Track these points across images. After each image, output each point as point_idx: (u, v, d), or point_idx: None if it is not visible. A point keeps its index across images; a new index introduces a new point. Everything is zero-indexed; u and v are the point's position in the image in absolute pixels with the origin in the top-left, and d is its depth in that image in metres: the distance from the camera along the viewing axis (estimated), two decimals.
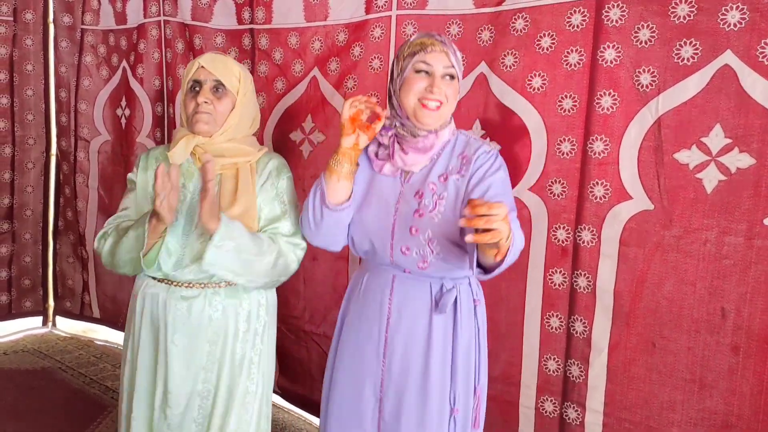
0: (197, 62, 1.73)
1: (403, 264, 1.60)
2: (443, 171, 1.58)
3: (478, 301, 1.65)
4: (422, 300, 1.59)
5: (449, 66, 1.54)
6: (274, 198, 1.78)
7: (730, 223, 1.68)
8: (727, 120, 1.66)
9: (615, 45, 1.81)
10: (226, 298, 1.76)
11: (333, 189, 1.59)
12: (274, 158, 1.84)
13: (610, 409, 1.92)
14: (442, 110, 1.54)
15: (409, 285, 1.61)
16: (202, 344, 1.74)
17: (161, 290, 1.75)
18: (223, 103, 1.72)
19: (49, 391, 3.02)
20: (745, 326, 1.68)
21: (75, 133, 3.49)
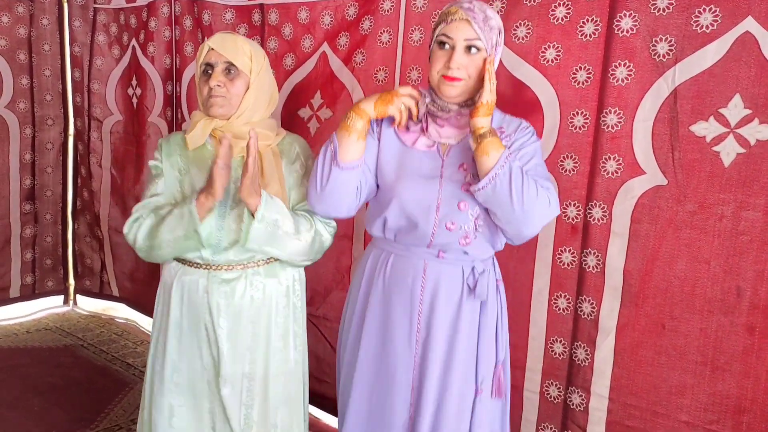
0: (207, 45, 1.70)
1: (443, 242, 1.54)
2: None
3: (500, 281, 1.63)
4: (455, 285, 1.56)
5: (472, 38, 1.44)
6: (303, 177, 1.79)
7: (748, 198, 1.60)
8: (747, 90, 1.59)
9: (632, 13, 1.74)
10: (266, 277, 1.76)
11: (346, 146, 1.52)
12: (297, 140, 1.84)
13: (616, 395, 1.87)
14: (462, 84, 1.47)
15: (442, 270, 1.56)
16: (246, 325, 1.74)
17: (201, 276, 1.72)
18: (237, 85, 1.69)
19: (72, 368, 3.07)
20: (762, 305, 1.61)
21: (88, 114, 3.52)
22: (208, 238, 1.65)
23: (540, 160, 1.55)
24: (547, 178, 1.52)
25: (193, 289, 1.73)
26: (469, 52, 1.45)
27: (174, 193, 1.77)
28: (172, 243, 1.66)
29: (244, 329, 1.73)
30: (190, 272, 1.74)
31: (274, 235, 1.64)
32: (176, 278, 1.76)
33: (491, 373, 1.59)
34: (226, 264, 1.71)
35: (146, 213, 1.72)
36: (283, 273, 1.79)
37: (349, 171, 1.54)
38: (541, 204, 1.45)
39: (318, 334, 2.61)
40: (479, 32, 1.44)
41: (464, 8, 1.45)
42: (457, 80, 1.46)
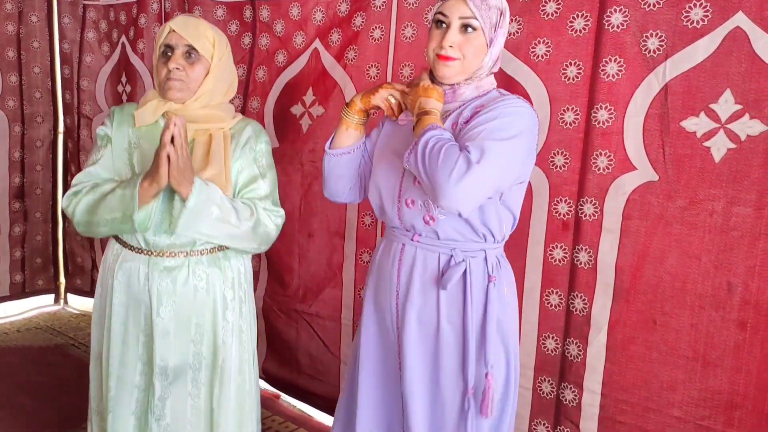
0: (168, 26, 1.67)
1: (410, 221, 1.51)
2: (456, 119, 1.47)
3: (493, 278, 1.50)
4: (429, 272, 1.51)
5: (468, 16, 1.39)
6: (252, 161, 1.77)
7: (739, 193, 1.60)
8: (738, 85, 1.58)
9: (622, 9, 1.74)
10: (210, 267, 1.73)
11: (340, 136, 1.62)
12: (251, 124, 1.82)
13: (608, 390, 1.87)
14: (457, 64, 1.42)
15: (417, 255, 1.52)
16: (189, 316, 1.71)
17: (141, 262, 1.69)
18: (196, 69, 1.67)
19: (62, 367, 3.06)
20: (753, 300, 1.61)
21: (78, 111, 3.50)
22: (142, 223, 1.60)
23: (497, 123, 1.36)
24: (487, 137, 1.33)
25: (134, 276, 1.70)
26: (465, 31, 1.40)
27: (120, 165, 1.72)
28: (110, 223, 1.64)
29: (188, 320, 1.71)
30: (130, 257, 1.71)
31: (206, 223, 1.61)
32: (118, 263, 1.72)
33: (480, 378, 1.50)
34: (168, 249, 1.68)
35: (86, 188, 1.68)
36: (228, 264, 1.77)
37: (336, 157, 1.62)
38: (442, 170, 1.29)
39: (311, 331, 2.60)
40: (475, 10, 1.38)
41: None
42: (451, 59, 1.42)
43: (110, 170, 1.72)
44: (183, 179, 1.54)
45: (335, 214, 2.48)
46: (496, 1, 1.42)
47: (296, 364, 2.68)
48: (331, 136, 1.64)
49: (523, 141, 1.39)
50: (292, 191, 2.57)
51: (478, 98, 1.48)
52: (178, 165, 1.50)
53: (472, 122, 1.39)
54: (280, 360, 2.74)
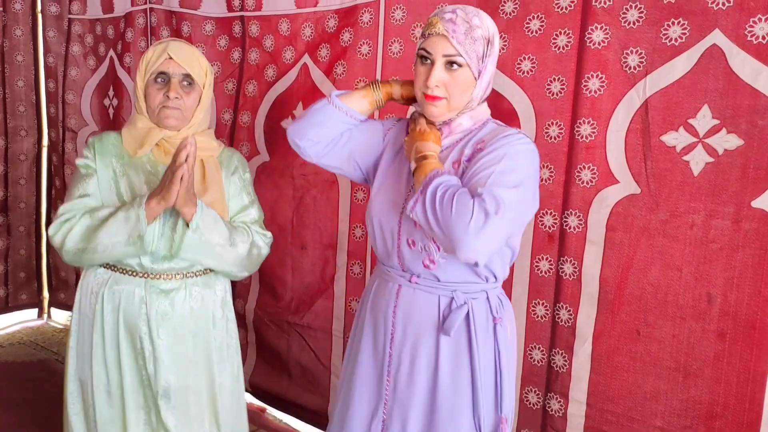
0: (166, 53, 1.65)
1: (408, 263, 1.43)
2: (458, 157, 1.40)
3: (499, 320, 1.43)
4: (428, 316, 1.42)
5: (452, 54, 1.32)
6: (241, 189, 1.81)
7: (717, 206, 1.64)
8: (715, 101, 1.63)
9: (603, 26, 1.78)
10: (204, 288, 1.74)
11: (354, 98, 1.51)
12: (235, 153, 1.87)
13: (593, 400, 1.89)
14: (444, 103, 1.37)
15: (416, 297, 1.44)
16: (186, 336, 1.71)
17: (137, 285, 1.67)
18: (192, 98, 1.69)
19: (45, 383, 3.02)
20: (732, 312, 1.65)
21: (63, 124, 3.49)
22: (151, 242, 1.59)
23: (501, 165, 1.30)
24: (496, 184, 1.27)
25: (128, 300, 1.66)
26: (450, 67, 1.34)
27: (107, 195, 1.68)
28: (110, 248, 1.59)
29: (184, 341, 1.71)
30: (123, 281, 1.67)
31: (208, 245, 1.62)
32: (106, 287, 1.68)
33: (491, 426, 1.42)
34: (166, 272, 1.68)
35: (78, 214, 1.62)
36: (218, 284, 1.79)
37: (335, 108, 1.49)
38: (457, 220, 1.23)
39: (302, 342, 2.61)
40: (459, 47, 1.32)
41: (445, 20, 1.33)
42: (438, 99, 1.36)
43: (98, 200, 1.68)
44: (189, 200, 1.55)
45: (327, 226, 2.50)
46: (482, 31, 1.35)
47: (286, 376, 2.68)
48: (343, 91, 1.55)
49: (531, 184, 1.36)
50: (284, 204, 2.58)
51: (475, 131, 1.43)
52: (185, 187, 1.51)
53: (477, 162, 1.33)
54: (269, 372, 2.74)
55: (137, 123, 1.72)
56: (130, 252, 1.61)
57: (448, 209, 1.24)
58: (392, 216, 1.44)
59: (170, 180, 1.50)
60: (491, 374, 1.42)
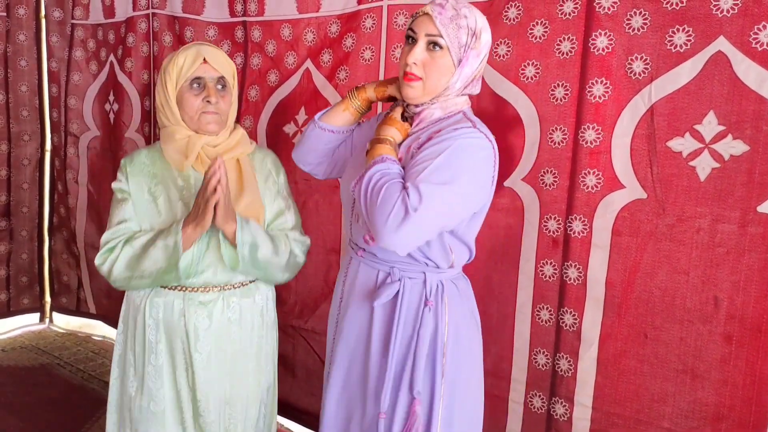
0: (200, 57, 1.60)
1: (355, 236, 1.54)
2: (411, 143, 1.42)
3: (430, 303, 1.44)
4: (366, 286, 1.50)
5: (433, 33, 1.33)
6: (276, 194, 1.77)
7: (724, 211, 1.66)
8: (721, 107, 1.64)
9: (607, 32, 1.79)
10: (242, 298, 1.71)
11: (335, 113, 1.59)
12: (269, 154, 1.83)
13: (599, 404, 1.90)
14: (419, 84, 1.37)
15: (360, 269, 1.53)
16: (224, 349, 1.69)
17: (176, 297, 1.66)
18: (227, 101, 1.66)
19: (47, 387, 3.02)
20: (738, 315, 1.66)
21: (65, 129, 3.49)
22: (186, 270, 1.59)
23: (441, 160, 1.31)
24: (427, 180, 1.29)
25: (168, 312, 1.66)
26: (432, 49, 1.35)
27: (147, 216, 1.66)
28: (154, 274, 1.60)
29: (222, 353, 1.69)
30: (162, 293, 1.67)
31: (254, 259, 1.61)
32: (147, 300, 1.67)
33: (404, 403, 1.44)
34: (203, 286, 1.66)
35: (120, 243, 1.62)
36: (258, 293, 1.77)
37: (319, 130, 1.59)
38: (381, 210, 1.27)
39: (307, 347, 2.61)
40: (441, 29, 1.33)
41: (434, 3, 1.35)
42: (415, 79, 1.37)
43: (137, 224, 1.67)
44: (227, 218, 1.53)
45: (330, 230, 2.50)
46: (469, 22, 1.36)
47: (290, 380, 2.68)
48: (325, 109, 1.63)
49: (468, 180, 1.34)
50: None
51: (441, 120, 1.43)
52: (223, 205, 1.49)
53: (420, 153, 1.35)
54: None
55: (175, 135, 1.65)
56: (170, 279, 1.61)
57: (375, 197, 1.29)
58: (349, 194, 1.48)
59: (204, 208, 1.49)
60: (403, 355, 1.44)
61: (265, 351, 1.80)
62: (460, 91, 1.44)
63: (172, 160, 1.66)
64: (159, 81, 1.67)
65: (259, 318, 1.77)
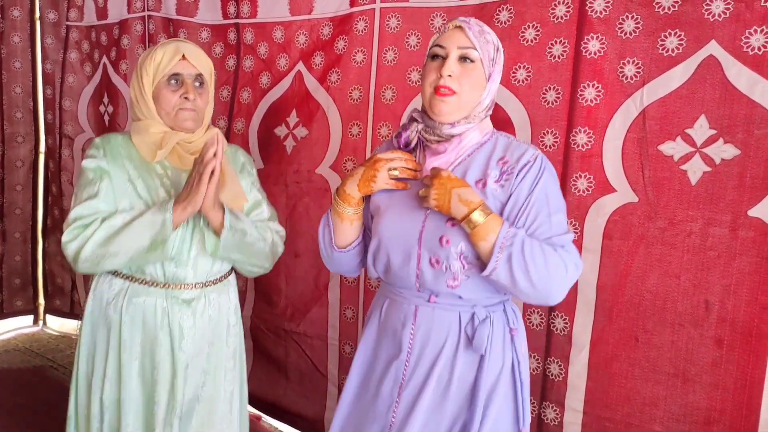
0: (179, 53, 1.60)
1: (429, 283, 1.36)
2: (481, 176, 1.35)
3: (515, 330, 1.41)
4: (450, 334, 1.37)
5: (466, 46, 1.30)
6: (251, 186, 1.80)
7: (715, 215, 1.66)
8: (712, 111, 1.64)
9: (599, 36, 1.79)
10: (220, 294, 1.73)
11: (340, 230, 1.48)
12: (239, 150, 1.86)
13: (590, 408, 1.89)
14: (455, 99, 1.31)
15: (435, 316, 1.38)
16: (204, 347, 1.68)
17: (158, 296, 1.63)
18: (204, 98, 1.66)
19: (40, 390, 3.02)
20: (729, 318, 1.66)
21: (59, 131, 3.48)
22: (170, 249, 1.56)
23: (550, 207, 1.32)
24: (562, 231, 1.32)
25: (149, 312, 1.63)
26: (463, 62, 1.32)
27: (124, 197, 1.60)
28: (132, 252, 1.54)
29: (202, 352, 1.68)
30: (143, 292, 1.63)
31: (242, 243, 1.63)
32: (125, 299, 1.63)
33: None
34: (186, 282, 1.65)
35: (98, 220, 1.54)
36: (232, 290, 1.78)
37: (347, 253, 1.51)
38: (555, 275, 1.27)
39: (299, 350, 2.61)
40: (474, 40, 1.31)
41: (461, 19, 1.34)
42: (450, 94, 1.31)
43: (111, 203, 1.59)
44: (215, 203, 1.53)
45: None
46: (492, 37, 1.36)
47: (283, 383, 2.67)
48: (324, 228, 1.52)
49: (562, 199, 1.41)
50: (277, 212, 2.56)
51: (484, 144, 1.39)
52: (216, 183, 1.48)
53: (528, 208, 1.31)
54: (266, 380, 2.73)
55: (150, 129, 1.63)
56: (151, 258, 1.57)
57: (543, 267, 1.26)
58: (410, 237, 1.38)
59: (198, 180, 1.47)
60: (510, 386, 1.39)
61: (239, 349, 1.81)
62: (488, 108, 1.40)
63: (143, 151, 1.64)
64: (134, 75, 1.66)
65: (234, 316, 1.78)
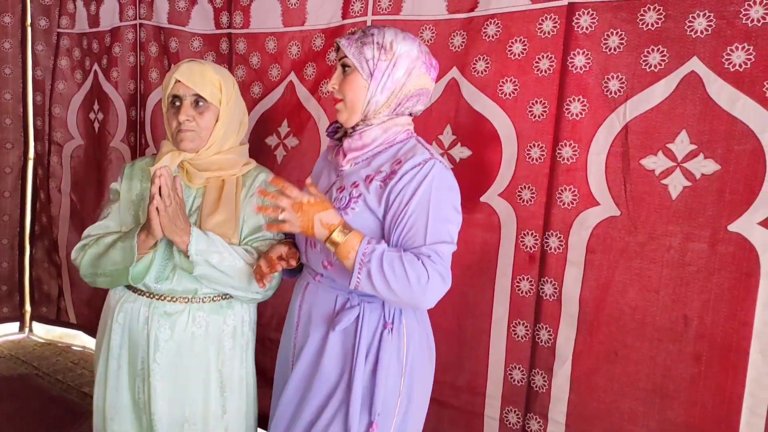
0: (173, 77, 1.64)
1: (312, 262, 1.55)
2: (372, 173, 1.46)
3: (389, 325, 1.47)
4: (325, 311, 1.52)
5: (341, 56, 1.46)
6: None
7: (694, 230, 1.67)
8: (693, 126, 1.66)
9: (585, 51, 1.81)
10: (210, 314, 1.69)
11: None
12: (263, 172, 1.80)
13: (572, 421, 1.89)
14: (342, 105, 1.47)
15: (317, 294, 1.55)
16: (185, 364, 1.67)
17: (142, 305, 1.67)
18: (206, 118, 1.66)
19: (26, 398, 2.99)
20: (708, 334, 1.66)
21: (49, 138, 3.48)
22: (136, 276, 1.60)
23: (429, 216, 1.38)
24: (434, 241, 1.37)
25: (134, 318, 1.67)
26: (343, 71, 1.46)
27: (126, 217, 1.72)
28: (112, 274, 1.64)
29: (182, 368, 1.67)
30: (132, 299, 1.69)
31: (210, 268, 1.59)
32: (119, 304, 1.70)
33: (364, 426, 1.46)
34: (170, 295, 1.66)
35: (92, 241, 1.68)
36: (231, 312, 1.73)
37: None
38: (416, 285, 1.33)
39: None
40: (345, 50, 1.44)
41: (347, 34, 1.49)
42: (337, 101, 1.48)
43: (117, 224, 1.73)
44: (175, 229, 1.52)
45: None
46: (377, 38, 1.44)
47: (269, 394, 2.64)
48: None
49: (454, 208, 1.44)
50: None
51: (390, 145, 1.48)
52: (168, 215, 1.49)
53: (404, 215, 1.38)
54: None
55: (163, 147, 1.73)
56: (123, 281, 1.64)
57: (404, 279, 1.32)
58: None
59: (148, 215, 1.50)
60: (368, 376, 1.46)
61: (237, 375, 1.76)
62: (393, 108, 1.47)
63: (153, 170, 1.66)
64: None
65: (230, 340, 1.73)
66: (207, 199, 1.68)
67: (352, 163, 1.51)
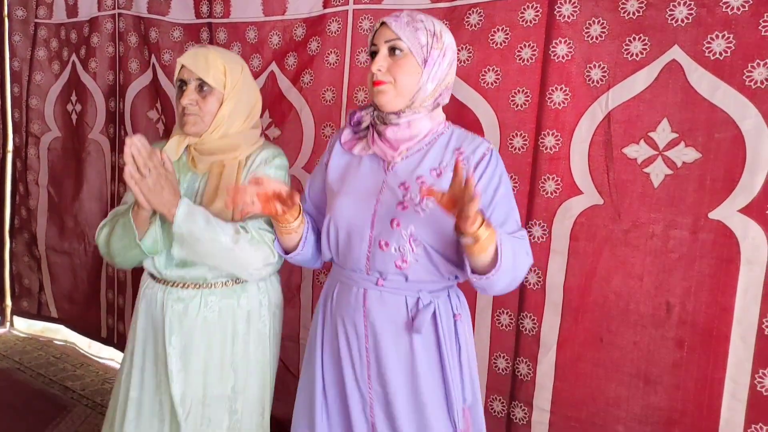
0: (180, 61, 1.67)
1: (378, 264, 1.42)
2: (436, 165, 1.41)
3: (459, 316, 1.47)
4: (397, 317, 1.43)
5: (392, 38, 1.37)
6: None
7: (676, 217, 1.68)
8: (674, 114, 1.67)
9: (567, 40, 1.81)
10: (222, 299, 1.69)
11: (283, 239, 1.55)
12: (265, 149, 1.74)
13: (557, 407, 1.91)
14: (390, 87, 1.38)
15: (383, 299, 1.43)
16: (198, 346, 1.68)
17: (159, 290, 1.71)
18: (209, 102, 1.65)
19: (7, 392, 2.97)
20: (690, 320, 1.68)
21: (26, 129, 3.43)
22: (150, 248, 1.62)
23: (508, 199, 1.42)
24: (518, 225, 1.44)
25: (153, 304, 1.71)
26: (393, 54, 1.38)
27: None
28: (122, 250, 1.66)
29: (196, 351, 1.68)
30: (151, 285, 1.73)
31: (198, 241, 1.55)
32: (142, 290, 1.76)
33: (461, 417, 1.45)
34: (180, 281, 1.68)
35: (107, 220, 1.71)
36: (245, 295, 1.72)
37: (296, 256, 1.58)
38: (525, 265, 1.39)
39: None
40: (398, 32, 1.36)
41: (391, 15, 1.40)
42: (382, 83, 1.38)
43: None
44: (160, 199, 1.50)
45: None
46: (426, 24, 1.39)
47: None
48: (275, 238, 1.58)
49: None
50: None
51: (437, 135, 1.45)
52: (147, 186, 1.48)
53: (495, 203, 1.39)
54: None
55: (174, 131, 1.75)
56: (137, 254, 1.65)
57: (523, 261, 1.39)
58: (362, 219, 1.43)
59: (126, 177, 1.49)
60: (457, 369, 1.45)
61: (254, 359, 1.74)
62: (435, 97, 1.43)
63: (168, 151, 1.68)
64: None
65: (244, 324, 1.72)
66: (208, 187, 1.68)
67: (404, 155, 1.44)
